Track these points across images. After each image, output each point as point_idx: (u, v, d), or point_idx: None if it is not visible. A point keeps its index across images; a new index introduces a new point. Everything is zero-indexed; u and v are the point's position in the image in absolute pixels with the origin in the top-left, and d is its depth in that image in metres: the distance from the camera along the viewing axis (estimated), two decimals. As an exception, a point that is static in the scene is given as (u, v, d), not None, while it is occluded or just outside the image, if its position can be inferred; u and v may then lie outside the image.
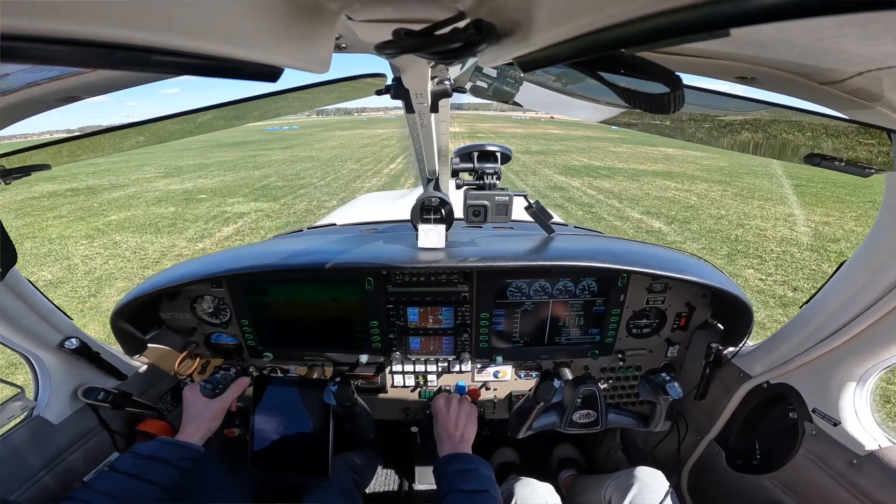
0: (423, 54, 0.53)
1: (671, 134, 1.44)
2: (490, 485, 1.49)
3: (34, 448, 1.50)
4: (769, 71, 0.76)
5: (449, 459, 1.59)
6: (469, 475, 1.50)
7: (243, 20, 0.47)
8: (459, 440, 1.73)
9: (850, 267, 1.42)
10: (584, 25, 0.39)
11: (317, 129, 68.74)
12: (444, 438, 1.74)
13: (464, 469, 1.53)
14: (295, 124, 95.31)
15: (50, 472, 1.52)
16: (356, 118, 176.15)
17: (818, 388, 1.55)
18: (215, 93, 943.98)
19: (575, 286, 1.94)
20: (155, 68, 0.42)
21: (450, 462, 1.58)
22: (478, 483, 1.47)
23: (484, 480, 1.49)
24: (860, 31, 0.40)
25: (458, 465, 1.56)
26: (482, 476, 1.51)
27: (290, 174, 20.87)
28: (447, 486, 1.47)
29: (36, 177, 1.23)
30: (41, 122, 55.12)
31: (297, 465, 1.79)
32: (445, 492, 1.45)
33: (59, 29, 0.32)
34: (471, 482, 1.47)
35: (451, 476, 1.50)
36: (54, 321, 1.60)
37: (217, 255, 2.12)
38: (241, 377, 1.80)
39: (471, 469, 1.53)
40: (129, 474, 1.28)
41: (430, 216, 1.93)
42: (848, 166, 1.07)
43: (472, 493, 1.43)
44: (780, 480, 1.68)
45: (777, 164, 20.40)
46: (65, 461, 1.58)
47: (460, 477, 1.49)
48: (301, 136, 54.04)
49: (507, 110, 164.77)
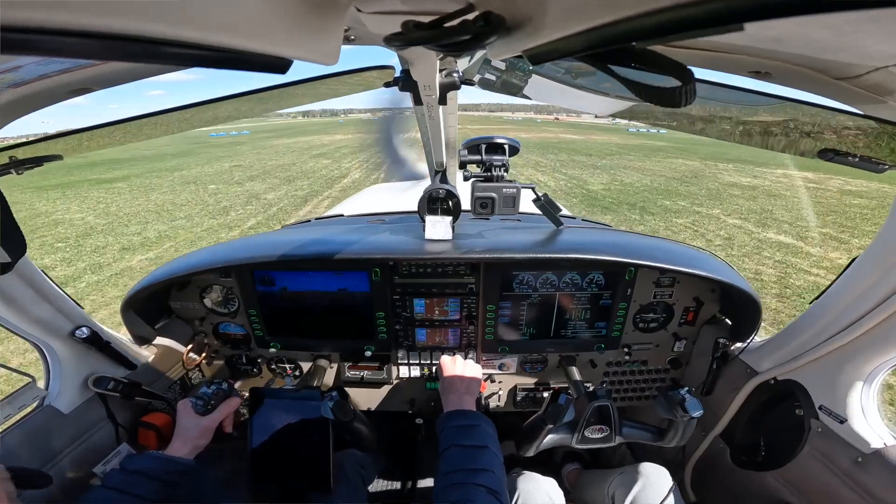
0: (432, 46, 0.52)
1: (679, 128, 1.43)
2: (490, 441, 1.51)
3: (45, 437, 1.52)
4: (784, 66, 0.75)
5: (452, 415, 1.61)
6: (470, 431, 1.52)
7: (255, 12, 0.47)
8: (464, 393, 1.75)
9: (861, 264, 1.40)
10: (595, 18, 0.39)
11: (267, 136, 58.22)
12: (449, 392, 1.77)
13: (465, 425, 1.55)
14: (246, 128, 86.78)
15: (61, 461, 1.54)
16: (333, 120, 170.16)
17: (826, 385, 1.55)
18: (200, 92, 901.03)
19: (582, 279, 1.94)
20: (167, 61, 0.42)
21: (452, 418, 1.59)
22: (478, 439, 1.49)
23: (484, 437, 1.51)
24: (879, 26, 0.39)
25: (459, 420, 1.57)
26: (483, 432, 1.53)
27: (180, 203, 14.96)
28: (447, 440, 1.49)
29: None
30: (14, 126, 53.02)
31: (298, 479, 1.77)
32: (445, 446, 1.47)
33: (73, 21, 0.32)
34: (471, 438, 1.49)
35: (452, 431, 1.52)
36: (66, 310, 1.61)
37: (226, 245, 2.13)
38: (231, 397, 1.76)
39: (472, 425, 1.54)
40: (116, 489, 1.30)
41: (438, 207, 1.93)
42: (862, 162, 1.06)
43: (470, 448, 1.45)
44: (785, 477, 1.68)
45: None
46: (75, 450, 1.60)
47: (461, 432, 1.51)
48: (248, 142, 47.41)
49: (497, 110, 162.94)
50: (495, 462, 1.44)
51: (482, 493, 1.29)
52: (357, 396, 2.32)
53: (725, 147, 32.13)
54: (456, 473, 1.36)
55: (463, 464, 1.40)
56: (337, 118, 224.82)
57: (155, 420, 1.84)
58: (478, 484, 1.31)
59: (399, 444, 2.94)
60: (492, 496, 1.29)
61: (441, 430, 1.56)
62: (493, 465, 1.41)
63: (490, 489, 1.31)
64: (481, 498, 1.28)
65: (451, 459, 1.42)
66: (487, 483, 1.32)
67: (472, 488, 1.30)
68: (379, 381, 2.27)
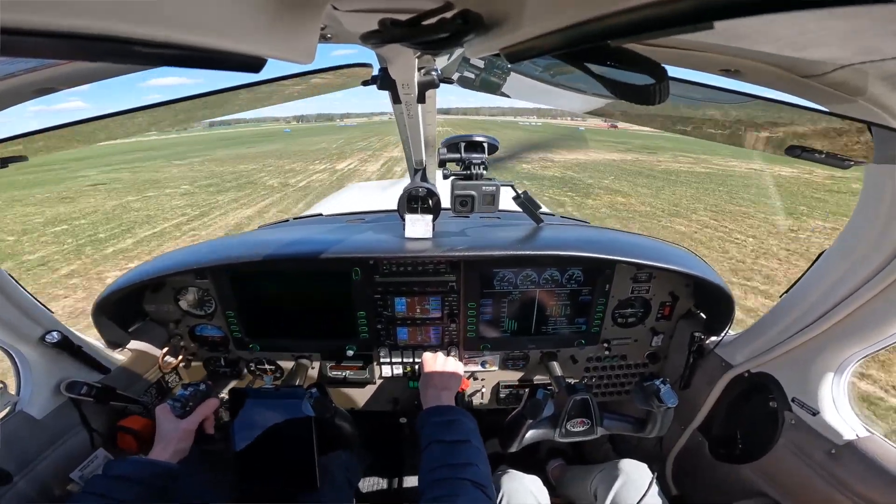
0: (410, 44, 0.52)
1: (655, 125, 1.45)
2: (472, 435, 1.50)
3: (18, 442, 1.48)
4: (753, 64, 0.77)
5: (430, 412, 1.60)
6: (450, 426, 1.51)
7: (227, 10, 0.46)
8: (441, 389, 1.75)
9: (830, 257, 1.44)
10: (570, 16, 0.39)
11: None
12: (427, 388, 1.76)
13: (445, 420, 1.54)
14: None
15: (35, 467, 1.50)
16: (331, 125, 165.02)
17: (797, 377, 1.59)
18: (126, 99, 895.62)
19: (561, 275, 1.96)
20: (136, 60, 0.42)
21: (431, 414, 1.58)
22: (459, 434, 1.48)
23: (465, 431, 1.50)
24: (844, 24, 0.41)
25: (438, 416, 1.56)
26: (464, 426, 1.52)
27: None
28: (428, 437, 1.47)
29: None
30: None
31: (283, 478, 1.75)
32: (426, 443, 1.45)
33: (39, 21, 0.32)
34: (452, 433, 1.48)
35: (432, 428, 1.51)
36: (35, 315, 1.57)
37: (202, 246, 2.09)
38: (209, 399, 1.74)
39: (452, 420, 1.54)
40: (100, 495, 1.28)
41: (418, 206, 1.93)
42: (828, 158, 1.09)
43: (452, 444, 1.44)
44: (761, 470, 1.71)
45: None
46: (50, 456, 1.56)
47: (441, 428, 1.50)
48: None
49: (471, 114, 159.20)
50: (478, 455, 1.43)
51: (468, 487, 1.29)
52: (340, 397, 2.30)
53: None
54: (439, 469, 1.36)
55: (445, 459, 1.39)
56: (333, 122, 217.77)
57: (133, 424, 1.80)
58: (462, 478, 1.31)
59: (384, 443, 2.93)
60: (478, 490, 1.29)
61: (421, 427, 1.55)
62: (476, 459, 1.40)
63: (475, 483, 1.30)
64: (467, 492, 1.27)
65: (434, 456, 1.41)
66: (472, 477, 1.32)
67: (457, 483, 1.30)
68: (362, 381, 2.25)
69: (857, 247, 1.32)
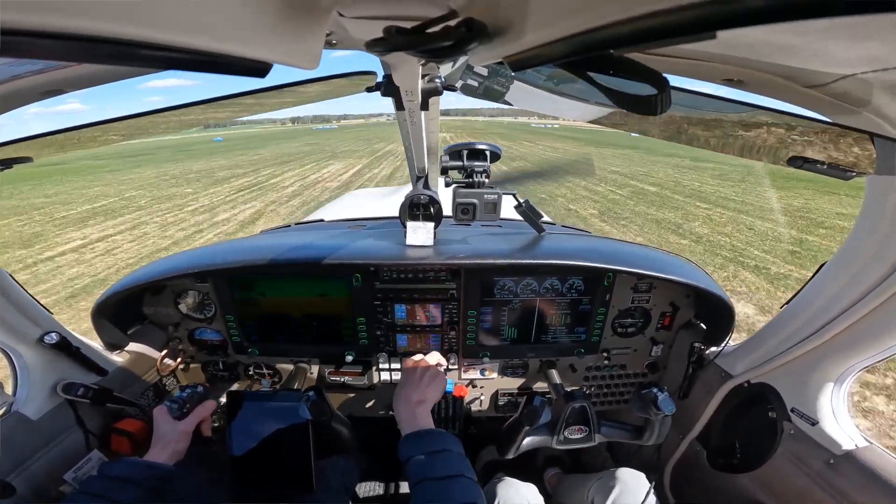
0: (414, 52, 0.53)
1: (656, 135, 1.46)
2: (463, 466, 1.36)
3: (13, 443, 1.48)
4: (756, 73, 0.77)
5: (411, 443, 1.43)
6: (438, 458, 1.36)
7: (234, 15, 0.46)
8: (417, 404, 1.58)
9: (830, 269, 1.44)
10: (573, 25, 0.40)
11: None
12: (400, 404, 1.60)
13: (431, 451, 1.38)
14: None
15: (29, 468, 1.50)
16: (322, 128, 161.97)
17: (797, 387, 1.58)
18: (125, 101, 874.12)
19: (562, 285, 1.95)
20: (142, 63, 0.42)
21: (413, 445, 1.42)
22: (450, 467, 1.34)
23: (456, 462, 1.36)
24: (848, 33, 0.41)
25: (422, 446, 1.41)
26: (453, 457, 1.38)
27: None
28: (416, 473, 1.33)
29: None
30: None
31: (280, 481, 1.74)
32: (415, 480, 1.32)
33: (45, 22, 0.32)
34: (443, 467, 1.34)
35: (419, 464, 1.35)
36: (34, 315, 1.57)
37: (203, 250, 2.09)
38: (206, 400, 1.73)
39: (438, 451, 1.38)
40: (97, 495, 1.28)
41: (419, 213, 1.93)
42: (830, 169, 1.09)
43: (445, 480, 1.30)
44: (760, 480, 1.70)
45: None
46: (44, 457, 1.55)
47: (430, 463, 1.35)
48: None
49: (471, 115, 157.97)
50: (472, 489, 1.32)
51: None
52: (339, 402, 2.29)
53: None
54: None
55: (441, 500, 1.28)
56: (329, 124, 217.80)
57: (128, 426, 1.79)
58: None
59: (381, 448, 2.91)
60: None
61: (406, 459, 1.39)
62: (472, 496, 1.30)
63: None
64: None
65: (426, 496, 1.29)
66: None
67: None
68: (361, 387, 2.25)
69: (858, 258, 1.32)
